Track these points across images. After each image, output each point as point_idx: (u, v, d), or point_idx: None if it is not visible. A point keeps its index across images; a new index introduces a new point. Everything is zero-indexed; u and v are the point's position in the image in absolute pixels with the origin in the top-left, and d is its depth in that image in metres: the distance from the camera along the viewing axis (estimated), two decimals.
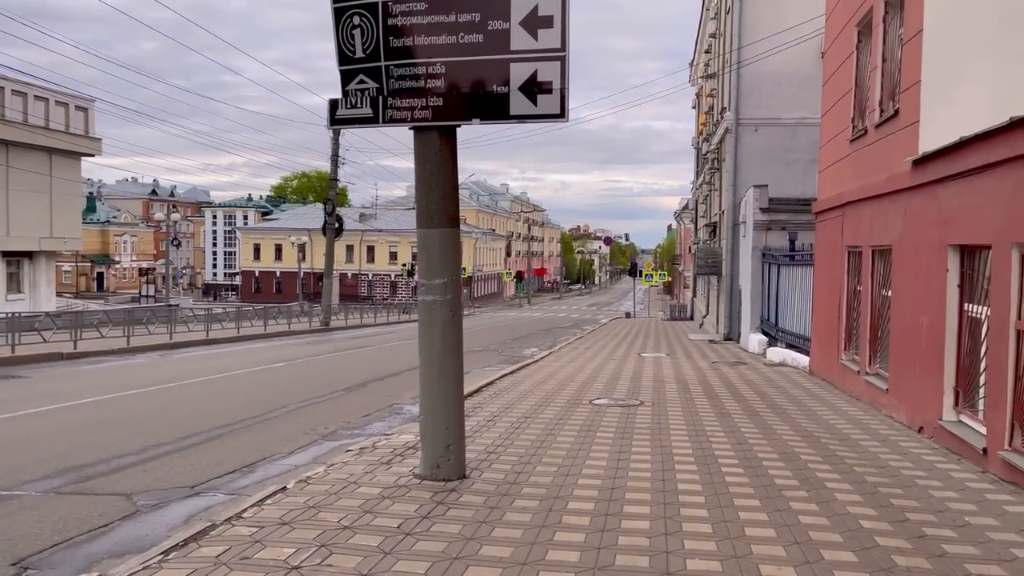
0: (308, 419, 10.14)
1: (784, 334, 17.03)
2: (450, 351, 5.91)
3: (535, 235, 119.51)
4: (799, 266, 16.25)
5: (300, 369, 16.26)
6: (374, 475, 6.11)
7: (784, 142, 23.55)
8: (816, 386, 12.26)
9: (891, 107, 9.88)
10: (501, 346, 23.40)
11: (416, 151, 5.94)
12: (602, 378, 13.09)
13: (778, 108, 23.61)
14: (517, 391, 11.32)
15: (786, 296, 17.10)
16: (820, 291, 13.78)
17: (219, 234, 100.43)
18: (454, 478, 5.92)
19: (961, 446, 7.21)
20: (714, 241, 29.01)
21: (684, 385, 12.25)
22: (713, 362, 16.30)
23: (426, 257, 5.90)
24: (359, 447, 7.25)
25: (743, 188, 23.05)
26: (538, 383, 12.32)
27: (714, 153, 28.39)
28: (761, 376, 13.62)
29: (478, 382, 12.45)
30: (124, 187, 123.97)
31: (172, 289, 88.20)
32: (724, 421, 8.93)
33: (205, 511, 5.89)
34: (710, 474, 6.35)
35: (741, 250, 22.60)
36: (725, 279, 24.46)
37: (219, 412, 10.45)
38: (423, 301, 5.92)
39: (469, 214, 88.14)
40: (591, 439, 7.73)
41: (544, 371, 14.21)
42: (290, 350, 21.20)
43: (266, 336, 26.64)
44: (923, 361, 8.38)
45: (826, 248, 13.41)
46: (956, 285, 7.69)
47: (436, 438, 5.91)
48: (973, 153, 6.98)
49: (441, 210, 5.87)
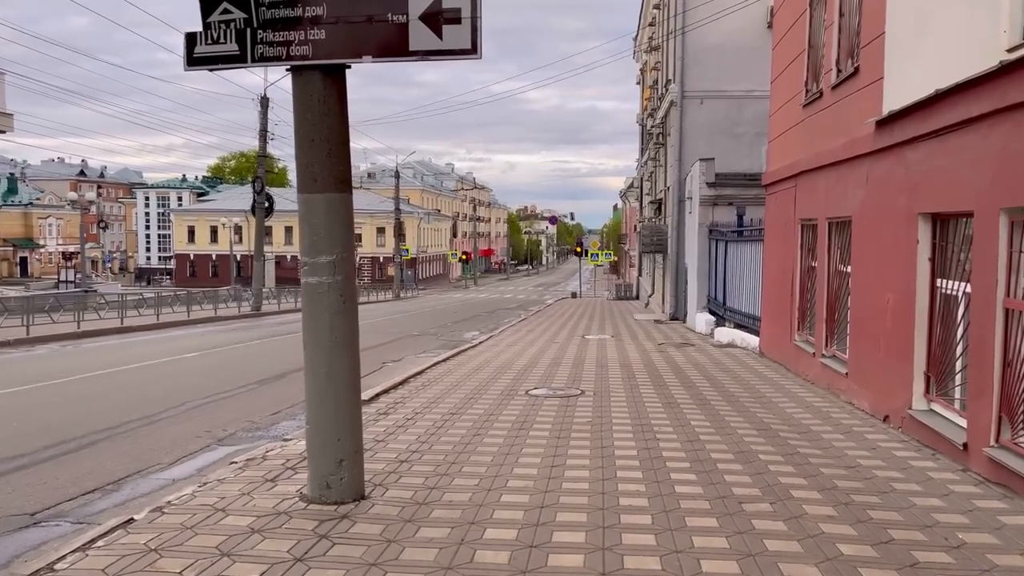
0: (207, 419, 8.92)
1: (732, 313, 16.32)
2: (342, 346, 4.80)
3: (481, 216, 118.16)
4: (748, 242, 15.51)
5: (215, 359, 14.89)
6: (251, 498, 4.98)
7: (731, 115, 22.82)
8: (768, 369, 11.50)
9: (850, 65, 9.04)
10: (441, 330, 22.29)
11: (295, 97, 4.79)
12: (542, 364, 12.12)
13: (724, 80, 22.84)
14: (448, 381, 10.26)
15: (734, 274, 16.37)
16: (770, 268, 13.02)
17: (152, 216, 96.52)
18: (348, 500, 4.84)
19: (935, 439, 6.42)
20: (659, 218, 28.31)
21: (629, 370, 11.35)
22: (659, 344, 15.49)
23: (309, 229, 4.77)
24: (246, 458, 6.09)
25: (689, 163, 22.29)
26: (473, 371, 11.28)
27: (659, 128, 27.59)
28: (710, 359, 12.83)
29: (407, 371, 11.36)
30: (50, 168, 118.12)
31: (101, 274, 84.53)
32: (672, 413, 8.03)
33: (35, 549, 4.71)
34: (657, 483, 5.40)
35: (687, 227, 21.87)
36: (671, 257, 23.73)
37: (103, 412, 9.14)
38: (306, 284, 4.79)
39: (413, 194, 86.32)
40: (523, 440, 6.73)
41: (482, 357, 13.18)
42: (211, 337, 19.72)
43: (189, 323, 24.96)
44: (888, 343, 7.59)
45: (777, 222, 12.63)
46: (927, 259, 6.88)
47: (325, 452, 4.82)
48: (950, 108, 6.13)
49: (327, 170, 4.73)
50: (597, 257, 53.13)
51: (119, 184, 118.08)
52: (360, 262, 74.07)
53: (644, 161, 37.45)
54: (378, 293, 52.32)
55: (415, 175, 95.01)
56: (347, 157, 4.81)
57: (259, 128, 28.90)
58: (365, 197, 78.66)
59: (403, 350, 16.44)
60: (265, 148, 29.35)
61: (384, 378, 11.24)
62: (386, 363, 14.01)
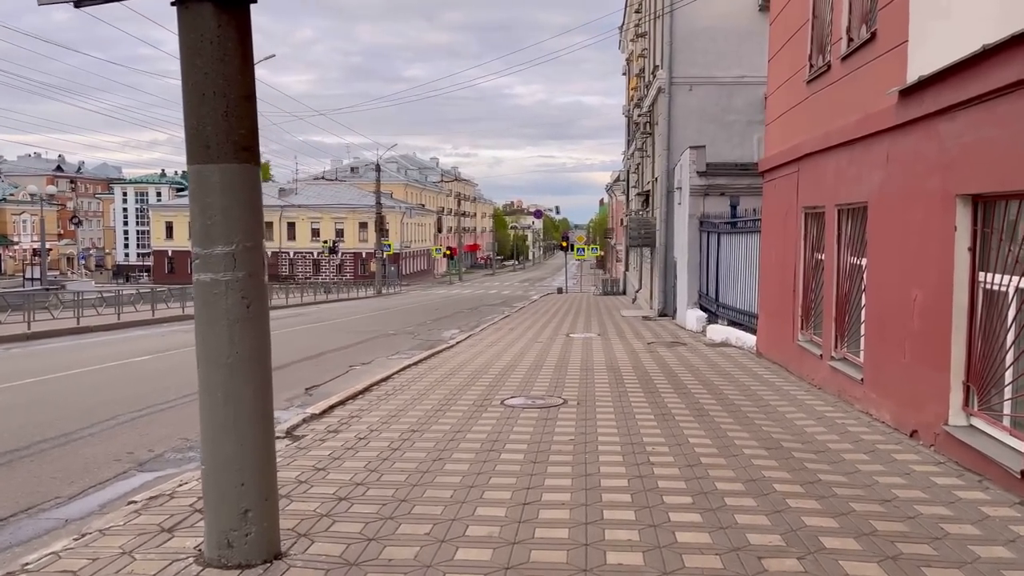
0: (134, 436, 7.79)
1: (726, 310, 15.31)
2: (245, 362, 3.70)
3: (467, 211, 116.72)
4: (742, 234, 14.48)
5: (166, 364, 13.71)
6: (132, 559, 3.87)
7: (721, 102, 21.81)
8: (767, 371, 10.48)
9: (864, 32, 8.00)
10: (419, 328, 21.18)
11: (181, 40, 3.67)
12: (522, 367, 11.05)
13: (714, 66, 21.81)
14: (416, 388, 9.17)
15: (727, 268, 15.36)
16: (769, 261, 12.00)
17: (130, 212, 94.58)
18: (256, 561, 3.74)
19: (979, 462, 5.40)
20: (647, 211, 27.28)
21: (617, 374, 10.31)
22: (649, 343, 14.46)
23: (201, 211, 3.66)
24: (148, 496, 4.96)
25: (677, 152, 21.26)
26: (446, 375, 10.20)
27: (646, 117, 26.54)
28: (703, 359, 11.81)
29: (372, 376, 10.26)
30: (26, 163, 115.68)
31: (76, 271, 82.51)
32: (667, 427, 6.98)
33: None
34: (654, 528, 4.34)
35: (676, 219, 20.85)
36: (659, 250, 22.70)
37: (15, 429, 7.97)
38: (199, 283, 3.68)
39: (396, 189, 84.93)
40: (491, 467, 5.65)
41: (458, 359, 12.10)
42: (172, 338, 18.50)
43: (153, 322, 23.71)
44: (915, 347, 6.57)
45: (777, 211, 11.60)
46: (967, 248, 5.85)
47: (225, 501, 3.72)
48: (1003, 66, 5.09)
49: (223, 134, 3.62)
50: (583, 252, 52.13)
51: (97, 180, 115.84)
52: (342, 258, 72.66)
53: (631, 153, 36.42)
54: (359, 290, 51.04)
55: (399, 169, 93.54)
56: (251, 117, 3.71)
57: None
58: (347, 191, 77.25)
59: (375, 351, 15.33)
60: None
61: (347, 384, 10.15)
62: (354, 366, 12.92)
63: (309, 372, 12.27)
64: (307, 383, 11.13)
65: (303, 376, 11.75)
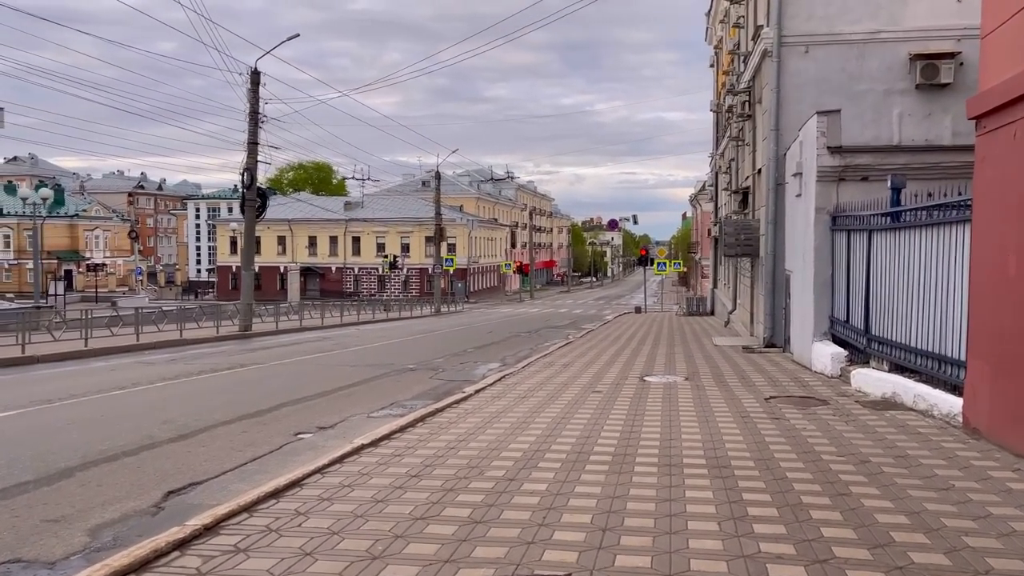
0: None
1: (885, 346, 10.11)
2: None
3: (542, 226, 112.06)
4: (915, 229, 9.31)
5: (115, 407, 9.46)
6: None
7: (848, 67, 16.41)
8: (1017, 477, 5.40)
9: None
10: (451, 360, 16.57)
11: None
12: (553, 457, 6.29)
13: (837, 19, 16.54)
14: (338, 512, 4.53)
15: (888, 281, 10.17)
16: (994, 271, 6.89)
17: (202, 228, 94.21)
18: None
19: None
20: (746, 213, 22.04)
21: (731, 484, 5.41)
22: (768, 398, 9.44)
23: None
24: None
25: (789, 133, 16.17)
26: (409, 478, 5.56)
27: (744, 95, 21.32)
28: (875, 440, 6.76)
29: (291, 472, 5.72)
30: (110, 181, 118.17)
31: (135, 287, 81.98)
32: None
33: None
34: None
35: (790, 217, 15.69)
36: (764, 261, 17.43)
37: None
38: None
39: (467, 201, 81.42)
40: None
41: (457, 429, 7.46)
42: (167, 368, 14.45)
43: (159, 346, 19.98)
44: None
45: (1012, 183, 6.51)
46: None
47: None
48: None
49: None
50: (664, 267, 46.75)
51: (176, 196, 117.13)
52: (407, 273, 69.11)
53: (721, 150, 31.10)
54: (420, 308, 47.07)
55: (471, 183, 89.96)
56: None
57: (248, 109, 23.83)
58: (414, 203, 73.97)
59: (361, 402, 10.77)
60: (256, 133, 24.25)
61: (239, 486, 5.61)
62: (302, 436, 8.36)
63: (212, 450, 7.62)
64: (182, 478, 6.55)
65: (188, 463, 7.08)
